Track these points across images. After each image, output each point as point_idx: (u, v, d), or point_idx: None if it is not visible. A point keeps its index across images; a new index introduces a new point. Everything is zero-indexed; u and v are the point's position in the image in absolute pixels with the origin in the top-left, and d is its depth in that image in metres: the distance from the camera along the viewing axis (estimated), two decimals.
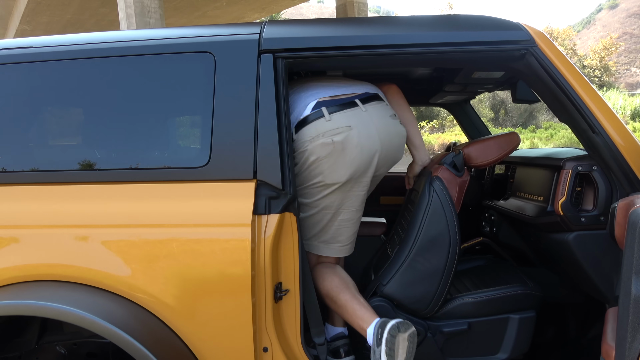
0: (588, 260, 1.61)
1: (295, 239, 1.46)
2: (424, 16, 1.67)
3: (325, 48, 1.52)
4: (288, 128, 1.50)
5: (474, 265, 2.14)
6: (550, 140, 14.40)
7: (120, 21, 9.31)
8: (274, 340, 1.44)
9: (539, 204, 1.80)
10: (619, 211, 1.30)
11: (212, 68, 1.49)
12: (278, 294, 1.44)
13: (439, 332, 1.68)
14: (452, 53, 1.54)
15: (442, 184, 1.64)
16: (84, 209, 1.43)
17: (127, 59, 1.53)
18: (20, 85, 1.57)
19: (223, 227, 1.39)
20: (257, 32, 1.53)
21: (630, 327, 1.10)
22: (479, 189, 2.66)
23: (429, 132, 19.09)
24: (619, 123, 1.49)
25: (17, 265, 1.39)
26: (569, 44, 28.75)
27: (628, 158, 1.47)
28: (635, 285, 1.09)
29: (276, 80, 1.49)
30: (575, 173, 1.60)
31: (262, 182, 1.43)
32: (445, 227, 1.62)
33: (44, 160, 1.57)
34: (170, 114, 1.65)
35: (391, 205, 3.04)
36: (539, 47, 1.50)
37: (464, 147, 1.77)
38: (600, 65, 27.54)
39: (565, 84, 1.50)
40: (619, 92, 22.73)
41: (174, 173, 1.48)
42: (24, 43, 1.59)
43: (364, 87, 1.73)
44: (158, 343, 1.33)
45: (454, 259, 1.64)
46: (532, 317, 1.72)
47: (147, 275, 1.37)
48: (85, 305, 1.30)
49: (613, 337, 1.24)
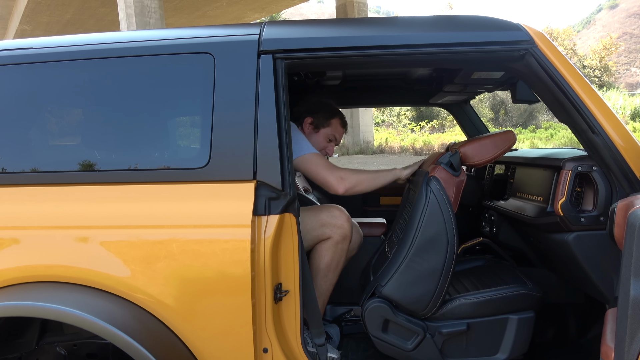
0: (588, 260, 1.61)
1: (295, 240, 1.46)
2: (424, 17, 1.67)
3: (325, 49, 1.52)
4: (288, 129, 1.50)
5: (474, 266, 2.14)
6: (550, 140, 14.40)
7: (120, 21, 9.32)
8: (274, 341, 1.44)
9: (539, 204, 1.80)
10: (618, 212, 1.30)
11: (211, 69, 1.49)
12: (278, 294, 1.44)
13: (438, 333, 1.68)
14: (452, 53, 1.54)
15: (439, 184, 1.64)
16: (83, 210, 1.43)
17: (127, 60, 1.53)
18: (20, 86, 1.57)
19: (223, 228, 1.39)
20: (256, 32, 1.53)
21: (629, 328, 1.10)
22: (478, 189, 2.67)
23: (429, 132, 19.10)
24: (618, 123, 1.49)
25: (17, 267, 1.39)
26: (569, 44, 28.72)
27: (628, 158, 1.47)
28: (634, 286, 1.09)
29: (276, 81, 1.49)
30: (575, 173, 1.60)
31: (262, 182, 1.43)
32: (442, 227, 1.62)
33: (43, 161, 1.57)
34: (170, 115, 1.65)
35: (391, 206, 3.04)
36: (539, 48, 1.50)
37: (460, 146, 1.77)
38: (600, 65, 27.52)
39: (565, 84, 1.50)
40: (619, 92, 22.73)
41: (173, 174, 1.48)
42: (24, 44, 1.59)
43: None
44: (158, 344, 1.33)
45: (452, 259, 1.64)
46: (531, 317, 1.72)
47: (147, 276, 1.37)
48: (85, 306, 1.30)
49: (612, 338, 1.24)
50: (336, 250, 1.93)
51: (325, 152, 2.25)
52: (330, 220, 1.93)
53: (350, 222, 1.97)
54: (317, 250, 1.95)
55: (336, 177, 1.92)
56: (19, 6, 14.45)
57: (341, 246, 1.94)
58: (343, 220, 1.94)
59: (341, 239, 1.93)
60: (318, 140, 2.21)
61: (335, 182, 1.91)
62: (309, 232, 1.91)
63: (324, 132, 2.22)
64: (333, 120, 2.25)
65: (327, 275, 1.96)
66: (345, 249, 1.97)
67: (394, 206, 2.97)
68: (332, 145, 2.27)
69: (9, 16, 16.84)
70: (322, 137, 2.22)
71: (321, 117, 2.23)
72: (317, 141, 2.20)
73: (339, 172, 1.93)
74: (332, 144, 2.27)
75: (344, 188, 1.91)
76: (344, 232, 1.93)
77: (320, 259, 1.95)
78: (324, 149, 2.24)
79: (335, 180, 1.91)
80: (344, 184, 1.91)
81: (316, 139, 2.20)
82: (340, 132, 2.29)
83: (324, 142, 2.23)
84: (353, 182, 1.92)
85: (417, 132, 19.78)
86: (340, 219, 1.94)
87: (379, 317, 1.70)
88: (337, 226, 1.93)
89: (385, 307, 1.69)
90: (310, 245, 1.96)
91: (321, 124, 2.22)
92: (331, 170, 1.94)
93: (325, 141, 2.23)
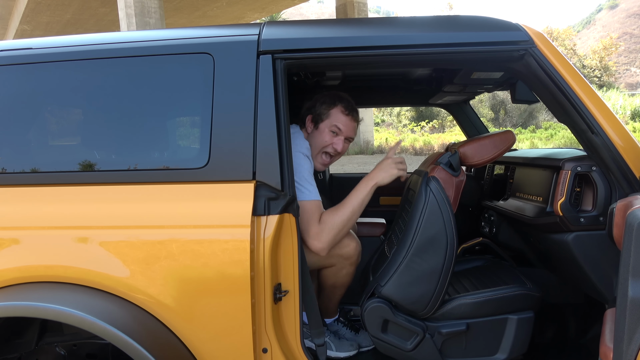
0: (587, 260, 1.61)
1: (294, 240, 1.46)
2: (424, 17, 1.67)
3: (325, 49, 1.52)
4: (287, 129, 1.50)
5: (473, 266, 2.14)
6: (550, 140, 14.40)
7: (120, 21, 9.32)
8: (274, 341, 1.45)
9: (539, 204, 1.80)
10: (617, 212, 1.30)
11: (211, 69, 1.49)
12: (277, 294, 1.44)
13: (437, 333, 1.68)
14: (451, 54, 1.54)
15: (439, 184, 1.64)
16: (83, 210, 1.43)
17: (127, 60, 1.53)
18: (20, 86, 1.57)
19: (222, 228, 1.39)
20: (256, 33, 1.53)
21: (627, 328, 1.10)
22: (478, 189, 2.67)
23: (429, 132, 19.09)
24: (618, 124, 1.49)
25: (17, 267, 1.39)
26: (569, 44, 28.73)
27: (627, 159, 1.47)
28: (632, 286, 1.09)
29: (275, 81, 1.49)
30: (575, 173, 1.60)
31: (261, 183, 1.44)
32: (442, 228, 1.62)
33: (43, 161, 1.57)
34: (170, 115, 1.65)
35: (391, 206, 3.04)
36: (538, 48, 1.50)
37: (459, 146, 1.77)
38: (600, 65, 27.52)
39: (564, 84, 1.50)
40: (619, 92, 22.73)
41: (173, 174, 1.48)
42: (24, 44, 1.59)
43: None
44: (157, 344, 1.33)
45: (452, 259, 1.64)
46: (531, 317, 1.72)
47: (147, 276, 1.37)
48: (84, 306, 1.30)
49: (611, 338, 1.24)
50: (340, 275, 1.90)
51: (334, 149, 1.94)
52: (337, 251, 1.82)
53: (358, 248, 1.87)
54: (321, 272, 1.92)
55: (312, 235, 1.67)
56: (19, 6, 14.46)
57: (346, 271, 1.89)
58: (351, 249, 1.84)
59: (348, 265, 1.88)
60: (321, 137, 1.92)
61: (311, 241, 1.68)
62: (313, 260, 1.80)
63: (324, 125, 1.92)
64: (333, 110, 1.92)
65: (334, 292, 1.97)
66: (352, 273, 1.91)
67: (393, 206, 2.97)
68: (340, 139, 1.93)
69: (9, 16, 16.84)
70: (324, 133, 1.92)
71: (320, 110, 1.94)
72: (320, 139, 1.92)
73: (318, 227, 1.68)
74: (339, 137, 1.93)
75: (319, 247, 1.68)
76: (351, 262, 1.87)
77: (326, 280, 1.93)
78: (331, 145, 1.93)
79: (310, 239, 1.68)
80: (320, 243, 1.68)
81: (318, 136, 1.93)
82: (344, 121, 1.93)
83: (328, 136, 1.92)
84: (330, 235, 1.68)
85: (417, 132, 19.79)
86: (348, 247, 1.83)
87: (378, 317, 1.70)
88: (343, 256, 1.85)
89: (385, 307, 1.69)
90: (314, 269, 1.89)
91: (320, 117, 1.93)
92: (313, 225, 1.68)
93: (329, 136, 1.92)
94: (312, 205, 1.70)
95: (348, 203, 1.75)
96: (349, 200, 1.76)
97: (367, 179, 1.79)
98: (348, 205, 1.74)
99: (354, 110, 1.97)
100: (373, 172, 1.80)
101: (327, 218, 1.71)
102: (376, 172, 1.80)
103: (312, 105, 1.98)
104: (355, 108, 1.98)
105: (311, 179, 1.77)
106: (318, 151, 1.95)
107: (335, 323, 2.08)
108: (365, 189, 1.77)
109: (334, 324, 2.08)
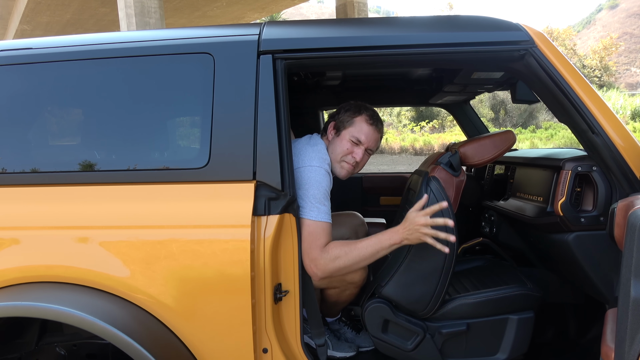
0: (588, 260, 1.61)
1: (294, 240, 1.46)
2: (424, 17, 1.67)
3: (325, 49, 1.52)
4: (287, 129, 1.50)
5: (474, 266, 2.13)
6: (550, 140, 14.39)
7: (120, 21, 9.31)
8: (274, 341, 1.44)
9: (539, 204, 1.80)
10: (618, 212, 1.30)
11: (211, 69, 1.49)
12: (278, 294, 1.44)
13: (437, 333, 1.68)
14: (452, 53, 1.54)
15: (439, 184, 1.64)
16: (83, 210, 1.43)
17: (127, 60, 1.53)
18: (20, 86, 1.57)
19: (223, 228, 1.39)
20: (256, 33, 1.53)
21: (629, 329, 1.10)
22: (478, 189, 2.66)
23: (429, 132, 19.09)
24: (618, 123, 1.49)
25: (17, 267, 1.39)
26: (569, 44, 28.73)
27: (627, 158, 1.47)
28: (634, 287, 1.09)
29: (275, 81, 1.49)
30: (575, 173, 1.60)
31: (261, 183, 1.43)
32: (442, 228, 1.62)
33: (43, 161, 1.57)
34: (170, 115, 1.65)
35: (391, 206, 3.04)
36: (538, 48, 1.50)
37: (460, 146, 1.77)
38: (600, 65, 27.52)
39: (565, 84, 1.50)
40: (619, 92, 22.72)
41: (173, 174, 1.48)
42: (24, 44, 1.59)
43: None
44: (157, 344, 1.33)
45: (452, 259, 1.64)
46: (531, 317, 1.72)
47: (147, 276, 1.37)
48: (84, 306, 1.30)
49: (612, 338, 1.24)
50: (343, 295, 1.88)
51: (353, 158, 1.82)
52: (342, 276, 1.74)
53: (364, 275, 1.81)
54: (324, 290, 1.89)
55: (312, 258, 1.57)
56: (19, 6, 14.45)
57: (350, 292, 1.86)
58: (357, 276, 1.79)
59: (352, 288, 1.84)
60: (341, 144, 1.82)
61: (308, 263, 1.58)
62: (315, 283, 1.68)
63: (346, 132, 1.83)
64: (357, 118, 1.83)
65: (336, 304, 1.96)
66: (356, 293, 1.88)
67: (394, 206, 2.97)
68: (360, 149, 1.82)
69: (9, 16, 16.84)
70: (344, 140, 1.82)
71: (344, 117, 1.85)
72: (340, 146, 1.82)
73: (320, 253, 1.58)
74: (360, 147, 1.82)
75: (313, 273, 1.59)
76: (355, 285, 1.83)
77: (328, 298, 1.91)
78: (350, 155, 1.82)
79: (308, 261, 1.58)
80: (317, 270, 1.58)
81: (339, 143, 1.83)
82: (367, 131, 1.83)
83: (349, 144, 1.81)
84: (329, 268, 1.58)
85: (417, 132, 19.79)
86: (355, 275, 1.78)
87: (378, 317, 1.70)
88: (347, 281, 1.79)
89: (385, 307, 1.69)
90: (316, 288, 1.79)
91: (343, 124, 1.84)
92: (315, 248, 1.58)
93: (349, 144, 1.81)
94: (320, 227, 1.59)
95: (362, 248, 1.60)
96: (363, 246, 1.60)
97: (392, 235, 1.60)
98: (360, 250, 1.59)
99: (379, 121, 1.88)
100: (401, 231, 1.59)
101: (333, 250, 1.58)
102: (402, 232, 1.58)
103: (337, 112, 1.90)
104: (380, 119, 1.89)
105: (326, 199, 1.66)
106: (338, 160, 1.83)
107: (336, 322, 2.08)
108: (385, 245, 1.60)
109: (335, 323, 2.08)
